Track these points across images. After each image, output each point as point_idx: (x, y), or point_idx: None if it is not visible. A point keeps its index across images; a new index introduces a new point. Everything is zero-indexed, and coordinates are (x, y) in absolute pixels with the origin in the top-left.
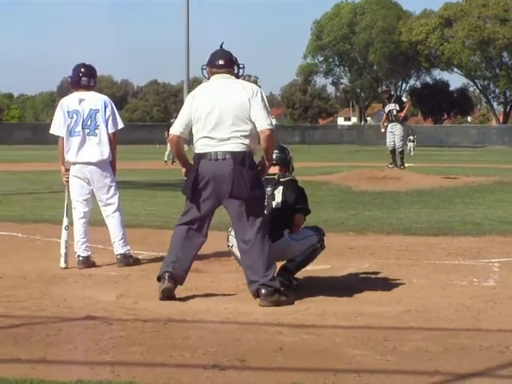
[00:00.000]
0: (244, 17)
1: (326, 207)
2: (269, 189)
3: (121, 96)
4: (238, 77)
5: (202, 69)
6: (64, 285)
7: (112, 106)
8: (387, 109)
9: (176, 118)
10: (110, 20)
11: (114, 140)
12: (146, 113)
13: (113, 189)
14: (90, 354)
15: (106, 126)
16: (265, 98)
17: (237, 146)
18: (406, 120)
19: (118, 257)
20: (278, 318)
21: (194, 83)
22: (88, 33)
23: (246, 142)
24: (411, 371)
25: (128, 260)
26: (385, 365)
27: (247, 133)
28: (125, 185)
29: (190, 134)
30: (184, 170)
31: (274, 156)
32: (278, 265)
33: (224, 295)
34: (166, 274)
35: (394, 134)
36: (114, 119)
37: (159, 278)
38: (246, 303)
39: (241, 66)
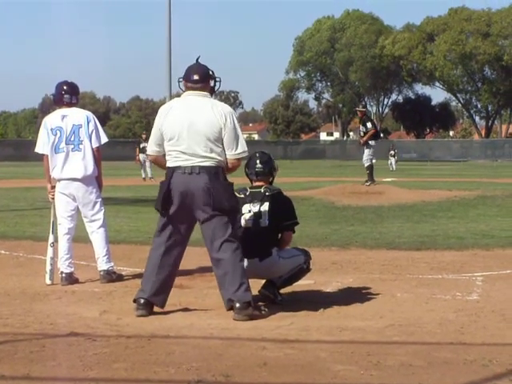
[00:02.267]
0: (227, 32)
1: (309, 222)
2: (256, 205)
3: (103, 112)
4: (214, 90)
5: (179, 81)
6: (47, 301)
7: (95, 121)
8: (360, 128)
9: (144, 136)
10: (92, 37)
11: (99, 155)
12: (129, 129)
13: (98, 205)
14: (73, 370)
15: (90, 141)
16: (236, 120)
17: (210, 161)
18: (370, 144)
19: (101, 273)
20: (262, 333)
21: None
22: (71, 49)
23: (219, 158)
24: None
25: (111, 276)
26: (369, 379)
27: (219, 151)
28: (108, 201)
29: None
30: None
31: (258, 170)
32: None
33: (207, 311)
34: (141, 301)
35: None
36: (97, 134)
37: (135, 301)
38: (229, 319)
39: (217, 79)
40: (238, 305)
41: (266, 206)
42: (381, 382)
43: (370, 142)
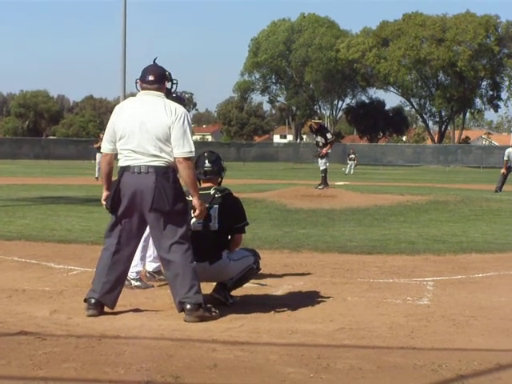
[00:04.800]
0: (182, 33)
1: (260, 224)
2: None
3: (57, 111)
4: (170, 93)
5: (136, 82)
6: None
7: None
8: (317, 139)
9: (102, 135)
10: (46, 34)
11: None
12: (82, 128)
13: None
14: (23, 369)
15: None
16: (188, 121)
17: (160, 161)
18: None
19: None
20: (212, 334)
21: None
22: (23, 46)
23: (169, 158)
24: None
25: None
26: (319, 382)
27: (169, 151)
28: (60, 200)
29: None
30: (105, 194)
31: (206, 169)
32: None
33: (158, 312)
34: (92, 301)
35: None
36: None
37: (85, 301)
38: (179, 320)
39: (174, 81)
40: (188, 306)
41: (215, 209)
42: None
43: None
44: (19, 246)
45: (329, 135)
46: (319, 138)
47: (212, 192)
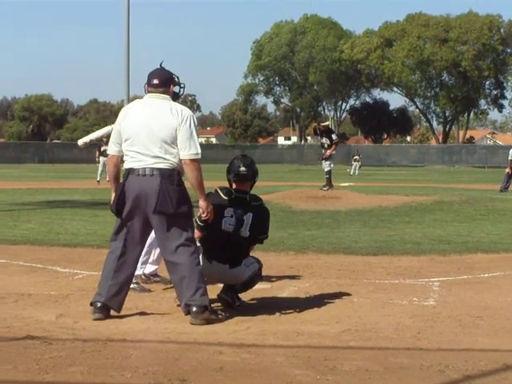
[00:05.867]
0: (186, 36)
1: None
2: (239, 212)
3: (61, 115)
4: (178, 96)
5: (144, 86)
6: (3, 304)
7: None
8: (322, 141)
9: (106, 138)
10: (49, 37)
11: None
12: (86, 132)
13: None
14: (29, 374)
15: None
16: (194, 123)
17: (165, 163)
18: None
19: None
20: (219, 337)
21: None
22: (27, 50)
23: (174, 160)
24: None
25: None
26: None
27: (174, 153)
28: (65, 204)
29: None
30: (113, 196)
31: (241, 173)
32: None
33: (164, 315)
34: (98, 304)
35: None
36: None
37: (91, 304)
38: (186, 323)
39: (182, 85)
40: (194, 309)
41: (249, 216)
42: None
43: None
44: (25, 250)
45: (334, 136)
46: (324, 140)
47: (248, 198)
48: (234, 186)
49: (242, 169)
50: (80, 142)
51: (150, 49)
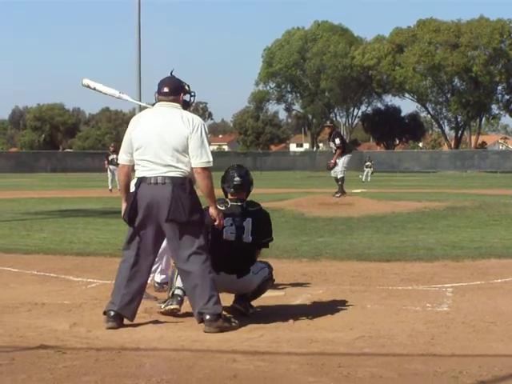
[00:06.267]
0: (197, 43)
1: (278, 233)
2: (238, 219)
3: (73, 124)
4: (189, 105)
5: (155, 95)
6: (17, 314)
7: None
8: (331, 145)
9: (113, 147)
10: (60, 46)
11: None
12: (98, 141)
13: None
14: (43, 383)
15: None
16: (205, 132)
17: (176, 172)
18: (348, 150)
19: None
20: (232, 345)
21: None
22: (38, 61)
23: (186, 169)
24: None
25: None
26: None
27: (186, 162)
28: (78, 213)
29: None
30: (124, 205)
31: (239, 180)
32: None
33: (177, 323)
34: (111, 313)
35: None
36: None
37: (105, 313)
38: (199, 331)
39: (192, 93)
40: (208, 317)
41: (249, 222)
42: None
43: (342, 156)
44: (38, 259)
45: (338, 141)
46: (332, 144)
47: (245, 205)
48: (229, 195)
49: (237, 179)
50: (85, 81)
51: (162, 57)
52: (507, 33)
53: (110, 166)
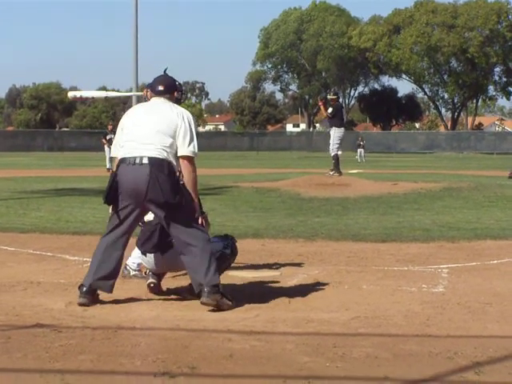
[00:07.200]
0: (193, 24)
1: (275, 214)
2: None
3: (70, 102)
4: (180, 102)
5: (146, 93)
6: (13, 293)
7: None
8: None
9: (111, 126)
10: (58, 26)
11: None
12: (95, 119)
13: None
14: (39, 362)
15: None
16: (193, 123)
17: (157, 152)
18: (338, 124)
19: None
20: (228, 324)
21: (142, 89)
22: (35, 38)
23: (168, 151)
24: (361, 377)
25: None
26: (335, 371)
27: (168, 145)
28: (74, 192)
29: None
30: None
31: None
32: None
33: (173, 302)
34: (84, 288)
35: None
36: None
37: (79, 288)
38: (195, 310)
39: (183, 91)
40: (206, 288)
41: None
42: (347, 373)
43: (334, 128)
44: (34, 238)
45: (330, 109)
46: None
47: None
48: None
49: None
50: (70, 94)
51: (159, 36)
52: (504, 14)
53: (105, 147)
